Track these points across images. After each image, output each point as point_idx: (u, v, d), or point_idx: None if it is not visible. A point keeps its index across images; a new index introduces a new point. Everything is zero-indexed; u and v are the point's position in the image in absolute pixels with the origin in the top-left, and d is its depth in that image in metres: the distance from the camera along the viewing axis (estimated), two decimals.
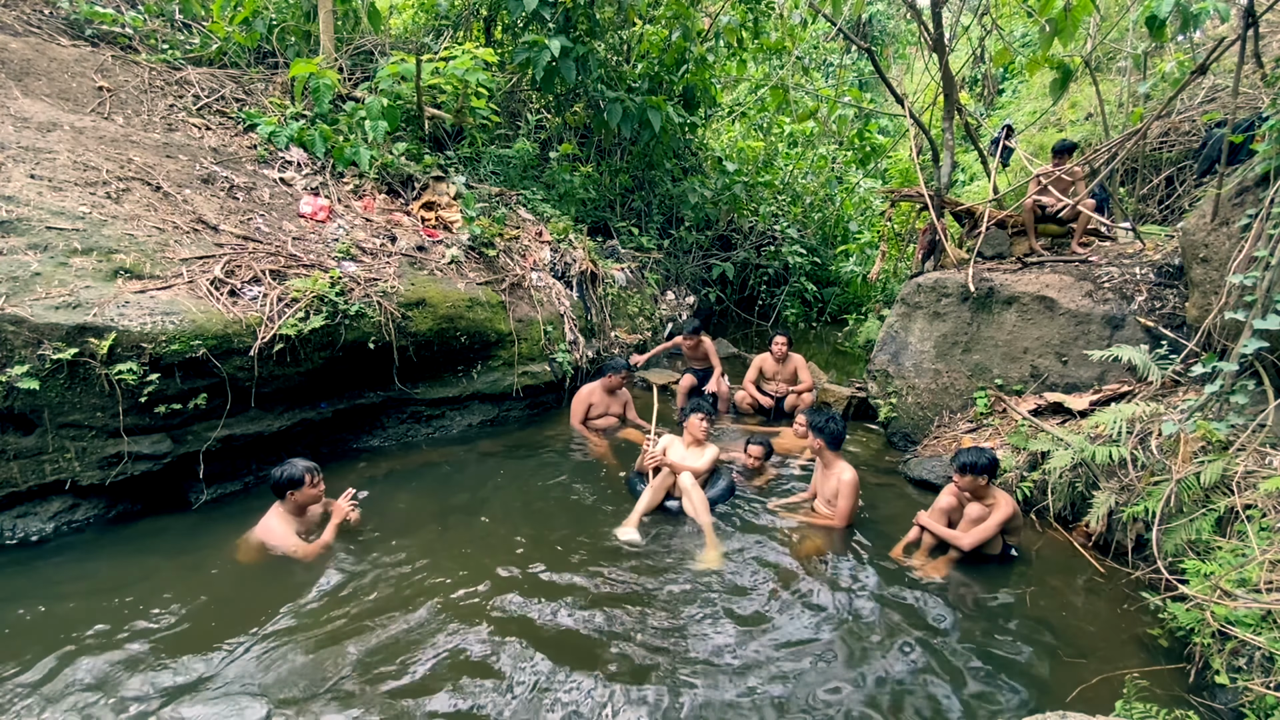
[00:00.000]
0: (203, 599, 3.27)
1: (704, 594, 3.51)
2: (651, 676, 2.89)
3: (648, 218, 9.71)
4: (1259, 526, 3.24)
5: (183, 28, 6.81)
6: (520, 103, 8.69)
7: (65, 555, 3.59)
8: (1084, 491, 4.26)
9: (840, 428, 4.28)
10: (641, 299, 8.42)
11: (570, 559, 3.77)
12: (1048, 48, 5.38)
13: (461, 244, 5.93)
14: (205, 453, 4.08)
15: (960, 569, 3.83)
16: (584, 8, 7.70)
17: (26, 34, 5.72)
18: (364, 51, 7.42)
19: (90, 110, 5.24)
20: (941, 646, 3.19)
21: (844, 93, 10.32)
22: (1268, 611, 2.82)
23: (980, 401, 5.30)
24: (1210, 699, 2.87)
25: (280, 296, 4.36)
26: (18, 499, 3.66)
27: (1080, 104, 9.98)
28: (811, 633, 3.26)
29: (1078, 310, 5.07)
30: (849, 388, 6.87)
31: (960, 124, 6.58)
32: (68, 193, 4.20)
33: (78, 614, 3.12)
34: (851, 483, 4.14)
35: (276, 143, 5.88)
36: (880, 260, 7.78)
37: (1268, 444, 3.63)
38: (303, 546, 3.63)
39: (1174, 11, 4.33)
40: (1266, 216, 3.87)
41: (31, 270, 3.66)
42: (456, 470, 4.94)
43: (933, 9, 5.82)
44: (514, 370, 5.84)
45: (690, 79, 9.06)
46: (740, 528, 4.25)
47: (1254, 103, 6.43)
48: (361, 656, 2.90)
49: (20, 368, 3.40)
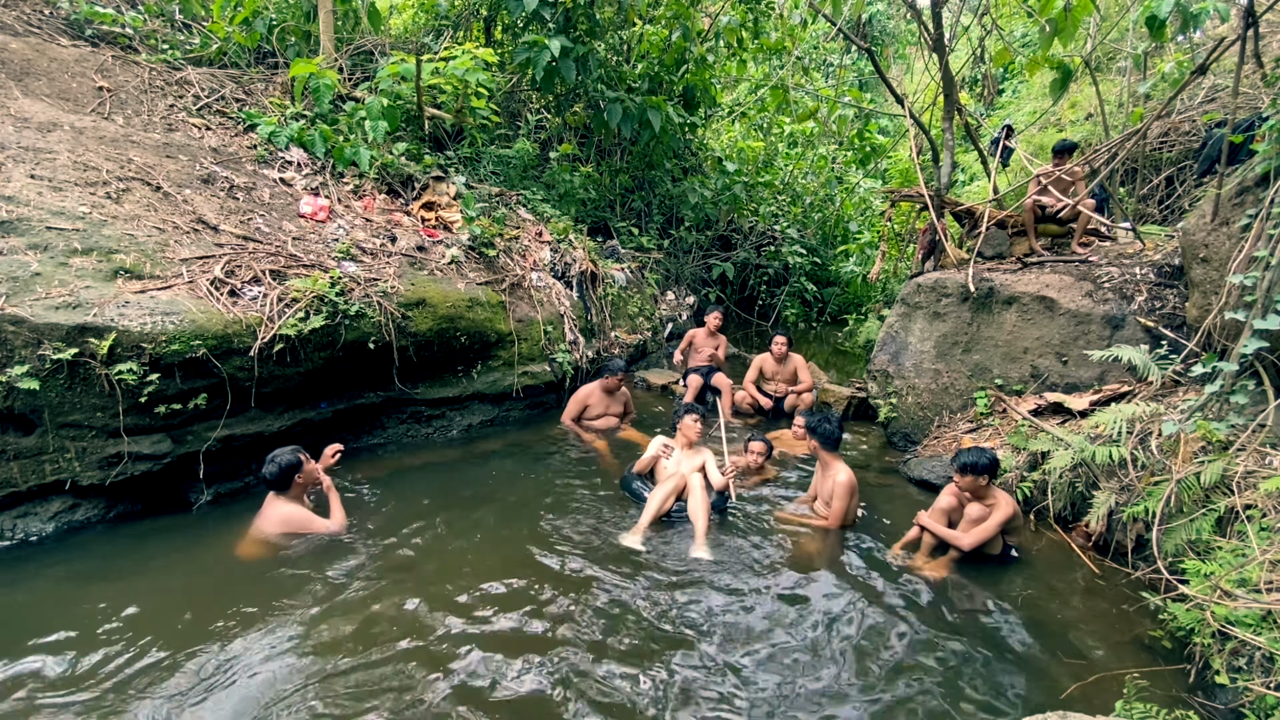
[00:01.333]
0: (203, 599, 3.27)
1: (703, 596, 3.51)
2: (650, 678, 2.89)
3: (648, 218, 9.72)
4: (1259, 526, 3.24)
5: (183, 28, 6.81)
6: (520, 103, 8.69)
7: (65, 555, 3.59)
8: (1084, 491, 4.26)
9: (834, 428, 4.28)
10: (641, 299, 8.42)
11: (569, 561, 3.77)
12: (1048, 48, 5.38)
13: (461, 244, 5.93)
14: (205, 453, 4.08)
15: (960, 569, 3.83)
16: (584, 8, 7.70)
17: (27, 34, 5.72)
18: (364, 51, 7.42)
19: (90, 110, 5.24)
20: (941, 646, 3.19)
21: (844, 93, 10.32)
22: (1268, 611, 2.82)
23: (980, 402, 5.30)
24: (1210, 699, 2.87)
25: (280, 296, 4.36)
26: (18, 499, 3.65)
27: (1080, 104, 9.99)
28: (811, 633, 3.26)
29: (1078, 310, 5.07)
30: (849, 388, 6.87)
31: (960, 124, 6.58)
32: (68, 193, 4.20)
33: (77, 614, 3.12)
34: (847, 485, 4.13)
35: (276, 143, 5.88)
36: (880, 260, 7.77)
37: (1268, 444, 3.63)
38: (332, 522, 3.83)
39: (1174, 11, 4.33)
40: (1266, 216, 3.87)
41: (31, 270, 3.66)
42: (456, 471, 4.94)
43: (933, 9, 5.82)
44: (514, 370, 5.84)
45: (690, 79, 9.06)
46: (739, 529, 4.25)
47: (1254, 103, 6.43)
48: (360, 658, 2.90)
49: (20, 368, 3.40)
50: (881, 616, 3.40)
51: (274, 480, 3.70)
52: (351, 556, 3.69)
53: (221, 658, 2.85)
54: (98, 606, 3.17)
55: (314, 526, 3.76)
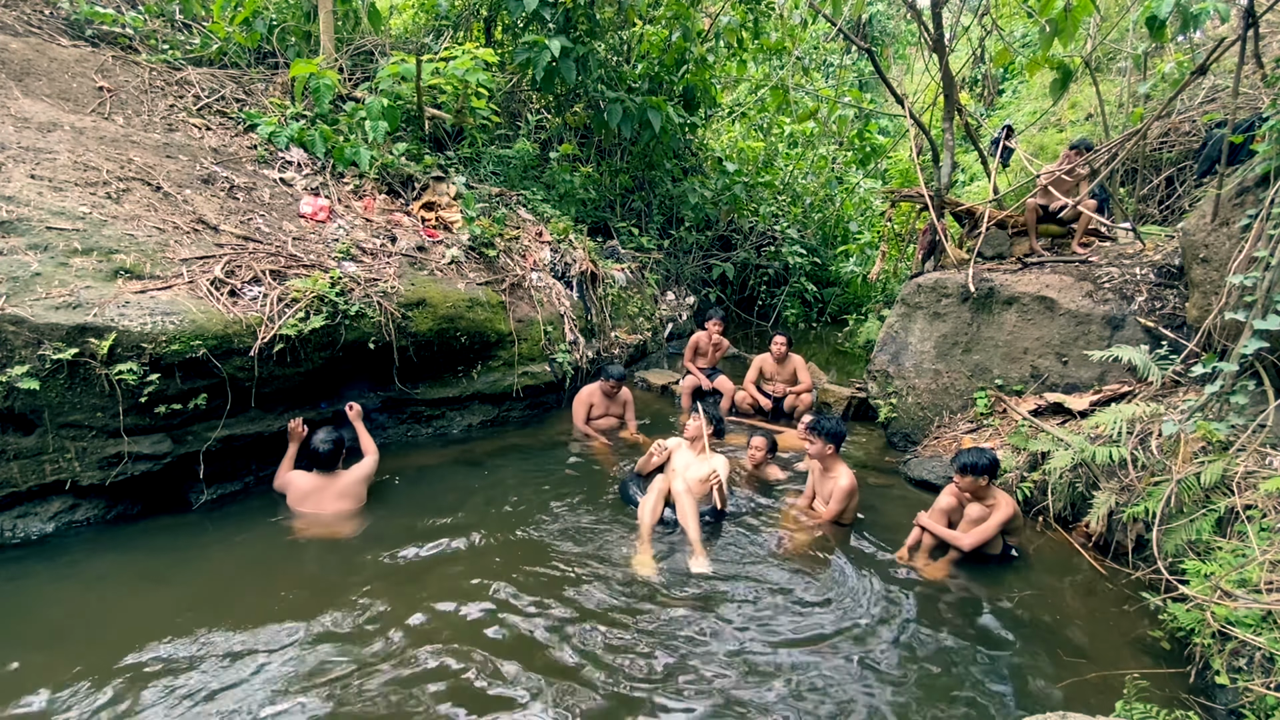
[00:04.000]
0: (203, 599, 3.27)
1: (702, 597, 3.51)
2: (648, 679, 2.89)
3: (648, 218, 9.71)
4: (1259, 527, 3.24)
5: (183, 28, 6.80)
6: (520, 103, 8.68)
7: (65, 556, 3.58)
8: (1084, 492, 4.26)
9: (839, 426, 4.28)
10: (641, 299, 8.42)
11: (569, 562, 3.77)
12: (1048, 48, 5.38)
13: (461, 244, 5.93)
14: (205, 453, 4.08)
15: (960, 569, 3.83)
16: (584, 8, 7.70)
17: (27, 34, 5.72)
18: (364, 51, 7.41)
19: (90, 110, 5.24)
20: (941, 646, 3.19)
21: (844, 93, 10.32)
22: (1268, 612, 2.82)
23: (980, 402, 5.30)
24: (1210, 700, 2.87)
25: (280, 297, 4.35)
26: (18, 499, 3.65)
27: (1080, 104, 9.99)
28: (809, 634, 3.26)
29: (1078, 310, 5.07)
30: (849, 388, 6.86)
31: (960, 124, 6.58)
32: (68, 193, 4.20)
33: (77, 614, 3.12)
34: (848, 489, 4.12)
35: (276, 143, 5.88)
36: (880, 260, 7.78)
37: (1268, 444, 3.63)
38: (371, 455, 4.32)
39: (1174, 12, 4.32)
40: (1266, 217, 3.87)
41: (31, 270, 3.66)
42: (456, 471, 4.94)
43: (933, 9, 5.82)
44: (514, 370, 5.84)
45: (690, 79, 9.05)
46: (737, 530, 4.24)
47: (1254, 103, 6.43)
48: (359, 659, 2.90)
49: (20, 368, 3.40)
50: (881, 617, 3.40)
51: (327, 457, 4.05)
52: (350, 557, 3.69)
53: (222, 657, 2.85)
54: (98, 607, 3.17)
55: (369, 468, 4.24)
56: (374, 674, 2.81)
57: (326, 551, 3.79)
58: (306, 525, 3.98)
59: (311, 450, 4.10)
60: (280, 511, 4.11)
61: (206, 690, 2.68)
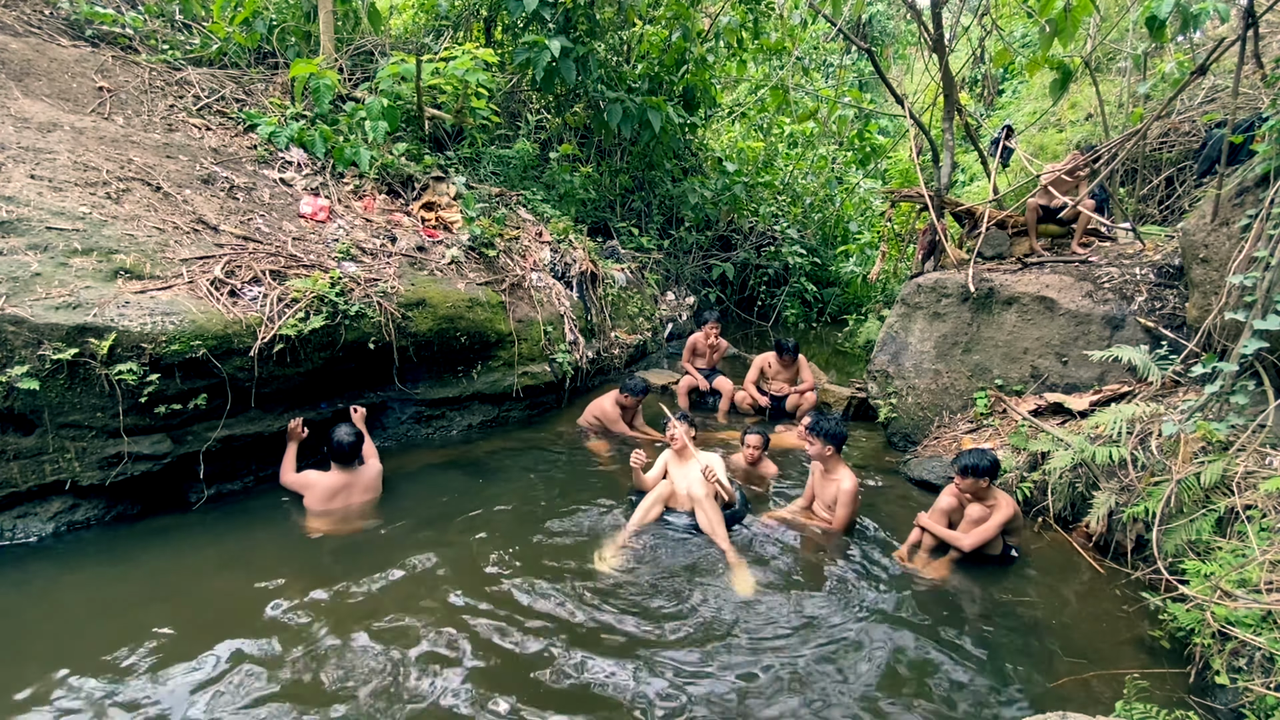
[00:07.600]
0: (203, 599, 3.27)
1: (699, 598, 3.51)
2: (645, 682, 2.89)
3: (648, 218, 9.71)
4: (1259, 527, 3.24)
5: (183, 28, 6.80)
6: (520, 103, 8.68)
7: (65, 556, 3.58)
8: (1084, 492, 4.26)
9: (839, 427, 4.25)
10: (641, 299, 8.42)
11: (569, 564, 3.77)
12: (1048, 48, 5.38)
13: (461, 244, 5.93)
14: (205, 453, 4.08)
15: (961, 570, 3.83)
16: (584, 8, 7.70)
17: (26, 34, 5.71)
18: (364, 52, 7.41)
19: (90, 110, 5.24)
20: (941, 647, 3.19)
21: (844, 93, 10.32)
22: (1268, 612, 2.82)
23: (980, 402, 5.30)
24: (1210, 700, 2.87)
25: (280, 297, 4.35)
26: (18, 499, 3.65)
27: (1080, 104, 9.99)
28: (810, 635, 3.26)
29: (1078, 310, 5.07)
30: (849, 388, 6.87)
31: (960, 124, 6.58)
32: (68, 193, 4.20)
33: (77, 615, 3.12)
34: (851, 491, 4.09)
35: (276, 143, 5.88)
36: (880, 261, 7.78)
37: (1268, 444, 3.63)
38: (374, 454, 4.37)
39: (1174, 12, 4.32)
40: (1266, 217, 3.87)
41: (31, 270, 3.66)
42: (456, 471, 4.93)
43: (933, 9, 5.82)
44: (514, 371, 5.84)
45: (690, 79, 9.05)
46: (735, 531, 4.24)
47: (1254, 103, 6.43)
48: (357, 659, 2.90)
49: (20, 368, 3.40)
50: (881, 617, 3.40)
51: (351, 449, 4.08)
52: (349, 558, 3.69)
53: (222, 658, 2.85)
54: (98, 607, 3.17)
55: (377, 463, 4.33)
56: (374, 674, 2.81)
57: (326, 552, 3.79)
58: (332, 523, 4.02)
59: (335, 445, 4.07)
60: (282, 511, 4.12)
61: (207, 690, 2.68)
